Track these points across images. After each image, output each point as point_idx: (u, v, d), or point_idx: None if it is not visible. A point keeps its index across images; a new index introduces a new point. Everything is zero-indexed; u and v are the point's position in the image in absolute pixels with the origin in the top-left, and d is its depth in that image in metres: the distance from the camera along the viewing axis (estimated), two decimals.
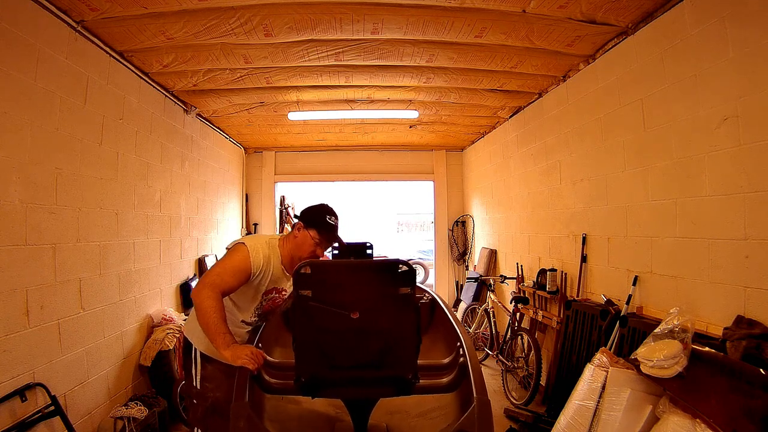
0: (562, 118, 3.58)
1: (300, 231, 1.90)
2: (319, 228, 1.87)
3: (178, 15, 2.47)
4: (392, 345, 1.59)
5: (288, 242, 1.92)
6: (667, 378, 1.86)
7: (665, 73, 2.39)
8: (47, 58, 2.28)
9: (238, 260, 1.75)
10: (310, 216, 1.92)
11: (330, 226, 1.90)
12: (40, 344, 2.24)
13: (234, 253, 1.78)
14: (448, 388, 1.92)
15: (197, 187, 4.44)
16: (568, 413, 2.25)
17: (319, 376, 1.63)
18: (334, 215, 1.92)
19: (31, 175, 2.20)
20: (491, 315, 4.61)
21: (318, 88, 3.83)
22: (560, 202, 3.66)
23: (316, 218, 1.90)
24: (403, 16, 2.55)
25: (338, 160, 6.64)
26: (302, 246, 1.89)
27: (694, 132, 2.21)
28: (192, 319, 1.93)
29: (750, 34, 1.89)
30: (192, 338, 1.95)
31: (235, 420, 1.50)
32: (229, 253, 1.80)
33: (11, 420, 2.03)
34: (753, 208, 1.90)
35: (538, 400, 3.49)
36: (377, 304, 1.55)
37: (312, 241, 1.88)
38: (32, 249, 2.20)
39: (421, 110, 4.50)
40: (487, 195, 5.68)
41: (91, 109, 2.67)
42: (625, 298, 2.67)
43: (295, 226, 1.92)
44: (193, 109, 4.11)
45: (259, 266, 1.79)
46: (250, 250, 1.77)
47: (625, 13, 2.48)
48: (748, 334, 1.79)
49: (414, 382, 1.66)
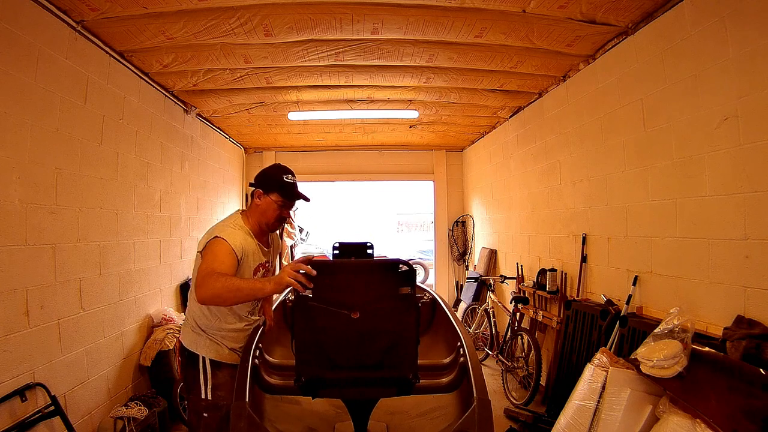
0: (562, 118, 3.58)
1: (261, 198, 1.86)
2: (279, 190, 1.84)
3: (178, 15, 2.47)
4: (393, 345, 1.59)
5: (252, 214, 1.89)
6: (667, 378, 1.86)
7: (665, 73, 2.39)
8: (47, 58, 2.28)
9: (223, 251, 1.68)
10: (267, 180, 1.87)
11: (289, 185, 1.86)
12: (40, 344, 2.24)
13: (215, 246, 1.69)
14: (449, 388, 1.92)
15: (197, 187, 4.44)
16: (568, 413, 2.25)
17: (320, 376, 1.63)
18: (290, 173, 1.89)
19: (31, 175, 2.20)
20: (491, 315, 4.62)
21: (318, 88, 3.83)
22: (560, 202, 3.66)
23: (273, 182, 1.86)
24: (403, 16, 2.55)
25: (338, 160, 6.64)
26: (267, 212, 1.86)
27: (694, 132, 2.21)
28: (190, 329, 1.89)
29: (750, 34, 1.89)
30: (197, 348, 1.87)
31: (235, 420, 1.50)
32: (210, 249, 1.69)
33: (11, 420, 2.03)
34: (753, 208, 1.90)
35: (538, 400, 3.49)
36: (378, 304, 1.55)
37: (275, 205, 1.85)
38: (32, 249, 2.20)
39: (421, 110, 4.50)
40: (487, 195, 5.68)
41: (91, 109, 2.67)
42: (625, 298, 2.67)
43: (255, 194, 1.87)
44: (193, 109, 4.11)
45: (241, 251, 1.74)
46: (228, 240, 1.70)
47: (625, 13, 2.48)
48: (748, 334, 1.79)
49: (414, 382, 1.66)
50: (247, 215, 1.90)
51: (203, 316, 1.86)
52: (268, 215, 1.87)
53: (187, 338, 1.90)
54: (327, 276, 1.52)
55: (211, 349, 1.86)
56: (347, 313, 1.52)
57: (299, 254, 7.73)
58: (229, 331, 1.90)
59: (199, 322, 1.87)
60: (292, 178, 1.88)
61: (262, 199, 1.86)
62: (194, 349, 1.86)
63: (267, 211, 1.86)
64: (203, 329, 1.87)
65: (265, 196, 1.85)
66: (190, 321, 1.90)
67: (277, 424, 1.86)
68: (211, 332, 1.87)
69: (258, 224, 1.89)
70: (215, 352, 1.86)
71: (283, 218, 1.90)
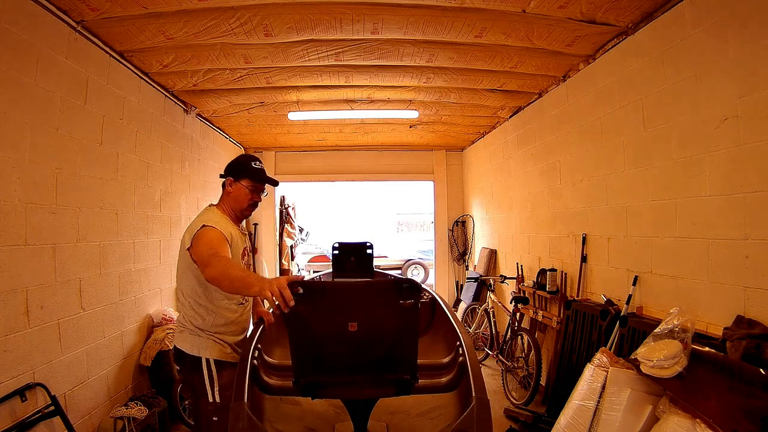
0: (562, 118, 3.58)
1: (232, 186, 1.95)
2: (249, 176, 1.94)
3: (178, 15, 2.47)
4: (392, 346, 1.58)
5: (226, 202, 1.97)
6: (667, 378, 1.86)
7: (665, 73, 2.39)
8: (47, 58, 2.28)
9: (216, 237, 1.72)
10: (236, 168, 1.97)
11: (258, 170, 1.97)
12: (40, 344, 2.24)
13: (207, 234, 1.72)
14: (448, 388, 1.92)
15: (197, 187, 4.44)
16: (568, 413, 2.25)
17: (318, 380, 1.62)
18: (257, 160, 2.00)
19: (31, 175, 2.20)
20: (491, 315, 4.61)
21: (318, 88, 3.83)
22: (560, 202, 3.66)
23: (242, 168, 1.96)
24: (403, 16, 2.55)
25: (338, 160, 6.64)
26: (239, 198, 1.95)
27: (694, 132, 2.21)
28: (187, 332, 1.85)
29: (750, 34, 1.89)
30: (199, 351, 1.83)
31: (235, 421, 1.50)
32: (202, 237, 1.71)
33: (11, 420, 2.03)
34: (753, 208, 1.90)
35: (538, 400, 3.49)
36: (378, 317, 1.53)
37: (246, 191, 1.94)
38: (32, 249, 2.20)
39: (421, 110, 4.50)
40: (487, 195, 5.68)
41: (91, 109, 2.67)
42: (625, 298, 2.66)
43: (226, 183, 1.96)
44: (193, 109, 4.11)
45: (230, 236, 1.81)
46: (217, 227, 1.76)
47: (625, 13, 2.48)
48: (748, 334, 1.79)
49: (413, 381, 1.65)
50: (221, 206, 1.96)
51: (198, 317, 1.84)
52: (240, 201, 1.95)
53: (187, 343, 1.85)
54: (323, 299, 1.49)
55: (214, 349, 1.84)
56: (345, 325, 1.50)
57: (299, 254, 7.74)
58: (226, 324, 1.88)
59: (195, 323, 1.84)
60: (259, 164, 1.98)
61: (233, 186, 1.95)
62: (196, 352, 1.83)
63: (239, 196, 1.95)
64: (201, 329, 1.84)
65: (236, 183, 1.94)
66: (186, 324, 1.86)
67: (276, 424, 1.86)
68: (210, 331, 1.85)
69: (233, 211, 1.97)
70: (219, 351, 1.85)
71: (255, 203, 1.99)
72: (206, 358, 1.82)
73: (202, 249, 1.67)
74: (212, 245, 1.67)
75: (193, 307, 1.84)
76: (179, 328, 1.90)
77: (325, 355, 1.58)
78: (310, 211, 11.42)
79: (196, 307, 1.84)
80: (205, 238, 1.70)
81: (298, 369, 1.61)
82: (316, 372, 1.61)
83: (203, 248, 1.67)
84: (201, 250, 1.67)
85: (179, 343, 1.88)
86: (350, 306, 1.53)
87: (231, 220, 1.94)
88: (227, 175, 1.97)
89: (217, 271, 1.53)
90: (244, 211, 1.99)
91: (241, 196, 1.95)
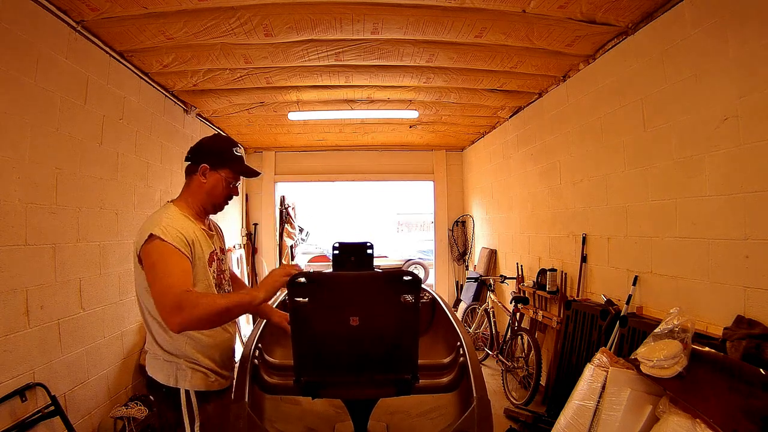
0: (562, 118, 3.58)
1: (208, 175, 1.56)
2: (231, 166, 1.59)
3: (178, 15, 2.47)
4: (393, 346, 1.58)
5: (193, 196, 1.59)
6: (667, 378, 1.86)
7: (665, 73, 2.39)
8: (47, 58, 2.28)
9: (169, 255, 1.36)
10: (214, 154, 1.58)
11: (241, 159, 1.63)
12: (40, 344, 2.24)
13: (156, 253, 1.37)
14: (448, 388, 1.92)
15: None
16: (568, 413, 2.25)
17: (319, 379, 1.62)
18: (237, 145, 1.65)
19: (31, 175, 2.20)
20: (491, 315, 4.62)
21: (318, 88, 3.83)
22: (560, 202, 3.66)
23: (223, 155, 1.58)
24: (403, 16, 2.55)
25: (338, 160, 6.64)
26: (215, 192, 1.59)
27: (694, 132, 2.21)
28: (162, 359, 1.48)
29: (750, 34, 1.89)
30: (177, 381, 1.47)
31: (235, 420, 1.50)
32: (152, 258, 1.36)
33: (11, 420, 2.03)
34: (753, 208, 1.90)
35: (538, 400, 3.49)
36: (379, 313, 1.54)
37: (225, 183, 1.59)
38: (32, 249, 2.20)
39: (421, 110, 4.50)
40: (487, 195, 5.68)
41: (91, 109, 2.67)
42: (625, 298, 2.67)
43: (199, 171, 1.56)
44: (193, 109, 4.11)
45: (184, 245, 1.42)
46: (167, 238, 1.38)
47: (625, 13, 2.48)
48: (748, 334, 1.79)
49: (414, 382, 1.66)
50: (185, 199, 1.59)
51: (168, 339, 1.46)
52: (216, 194, 1.59)
53: (161, 372, 1.48)
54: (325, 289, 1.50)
55: (195, 378, 1.48)
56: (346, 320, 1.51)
57: (299, 254, 7.74)
58: (205, 348, 1.51)
59: (168, 347, 1.47)
60: (240, 151, 1.65)
61: (209, 175, 1.56)
62: (173, 383, 1.46)
63: (215, 189, 1.58)
64: (177, 355, 1.47)
65: (213, 172, 1.57)
66: (156, 349, 1.48)
67: (277, 424, 1.86)
68: (189, 354, 1.47)
69: (202, 207, 1.60)
70: (201, 380, 1.49)
71: (231, 196, 1.66)
72: (185, 389, 1.46)
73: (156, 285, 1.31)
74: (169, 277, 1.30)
75: (163, 328, 1.45)
76: (150, 352, 1.53)
77: (326, 353, 1.58)
78: (310, 211, 11.41)
79: (160, 327, 1.45)
80: (159, 267, 1.33)
81: (299, 366, 1.61)
82: (318, 370, 1.61)
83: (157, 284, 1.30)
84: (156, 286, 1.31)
85: (151, 371, 1.51)
86: (352, 298, 1.53)
87: (194, 218, 1.57)
88: (200, 161, 1.56)
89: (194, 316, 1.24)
90: (218, 206, 1.65)
91: (218, 189, 1.59)
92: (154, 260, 1.35)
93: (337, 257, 2.54)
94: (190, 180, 1.60)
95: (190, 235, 1.46)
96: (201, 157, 1.58)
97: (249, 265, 6.24)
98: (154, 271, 1.34)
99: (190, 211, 1.57)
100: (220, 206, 1.66)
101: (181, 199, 1.60)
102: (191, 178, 1.60)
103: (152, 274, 1.34)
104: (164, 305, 1.27)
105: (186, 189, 1.61)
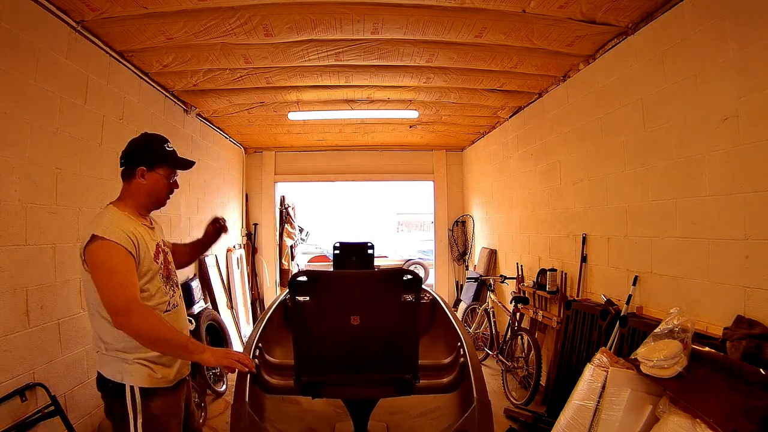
0: (562, 118, 3.58)
1: (145, 176, 1.61)
2: (166, 162, 1.66)
3: (178, 15, 2.47)
4: (393, 346, 1.58)
5: (133, 197, 1.62)
6: (667, 378, 1.86)
7: (665, 73, 2.39)
8: (47, 58, 2.28)
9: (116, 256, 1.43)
10: (146, 155, 1.62)
11: (173, 153, 1.69)
12: (40, 344, 2.24)
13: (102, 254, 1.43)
14: (449, 388, 1.92)
15: (197, 187, 4.44)
16: (568, 413, 2.25)
17: (320, 379, 1.62)
18: (167, 140, 1.70)
19: (31, 175, 2.20)
20: (491, 315, 4.62)
21: (318, 88, 3.83)
22: (560, 202, 3.66)
23: (155, 154, 1.64)
24: (403, 16, 2.55)
25: (338, 160, 6.64)
26: (156, 190, 1.66)
27: (694, 132, 2.21)
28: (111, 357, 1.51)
29: (750, 34, 1.89)
30: (122, 377, 1.50)
31: (236, 420, 1.50)
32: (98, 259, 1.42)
33: (11, 420, 2.02)
34: (753, 208, 1.90)
35: (538, 400, 3.49)
36: (380, 312, 1.54)
37: (164, 180, 1.66)
38: (32, 249, 2.20)
39: (421, 110, 4.50)
40: (487, 195, 5.68)
41: (91, 109, 2.67)
42: (625, 298, 2.67)
43: (137, 174, 1.60)
44: (193, 109, 4.11)
45: (127, 241, 1.47)
46: (110, 238, 1.43)
47: (625, 13, 2.48)
48: (748, 334, 1.79)
49: (414, 382, 1.66)
50: (124, 201, 1.62)
51: (120, 338, 1.46)
52: (158, 192, 1.67)
53: (107, 367, 1.52)
54: (326, 288, 1.49)
55: (140, 374, 1.50)
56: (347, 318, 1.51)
57: (299, 254, 7.74)
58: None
59: (116, 344, 1.49)
60: (171, 146, 1.70)
61: (148, 176, 1.62)
62: (119, 378, 1.50)
63: (156, 188, 1.65)
64: (120, 350, 1.50)
65: (150, 173, 1.62)
66: (100, 345, 1.52)
67: (277, 424, 1.86)
68: (133, 352, 1.50)
69: (143, 206, 1.66)
70: (146, 377, 1.51)
71: (173, 190, 1.73)
72: (130, 385, 1.49)
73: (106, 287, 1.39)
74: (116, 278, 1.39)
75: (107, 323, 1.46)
76: (96, 347, 1.55)
77: (327, 352, 1.58)
78: (310, 211, 11.41)
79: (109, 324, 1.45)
80: (106, 268, 1.40)
81: (300, 366, 1.61)
82: (318, 370, 1.61)
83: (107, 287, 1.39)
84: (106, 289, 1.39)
85: (99, 366, 1.55)
86: (353, 296, 1.53)
87: (135, 216, 1.61)
88: (135, 164, 1.60)
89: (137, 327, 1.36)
90: (161, 202, 1.71)
91: (159, 187, 1.65)
92: (99, 260, 1.42)
93: (337, 257, 2.55)
94: (129, 183, 1.64)
95: (133, 231, 1.52)
96: (135, 160, 1.62)
97: (249, 265, 6.23)
98: (100, 270, 1.42)
99: (130, 210, 1.61)
100: (162, 202, 1.72)
101: (120, 201, 1.63)
102: (129, 182, 1.64)
103: (98, 274, 1.42)
104: (112, 303, 1.38)
105: (125, 191, 1.64)
